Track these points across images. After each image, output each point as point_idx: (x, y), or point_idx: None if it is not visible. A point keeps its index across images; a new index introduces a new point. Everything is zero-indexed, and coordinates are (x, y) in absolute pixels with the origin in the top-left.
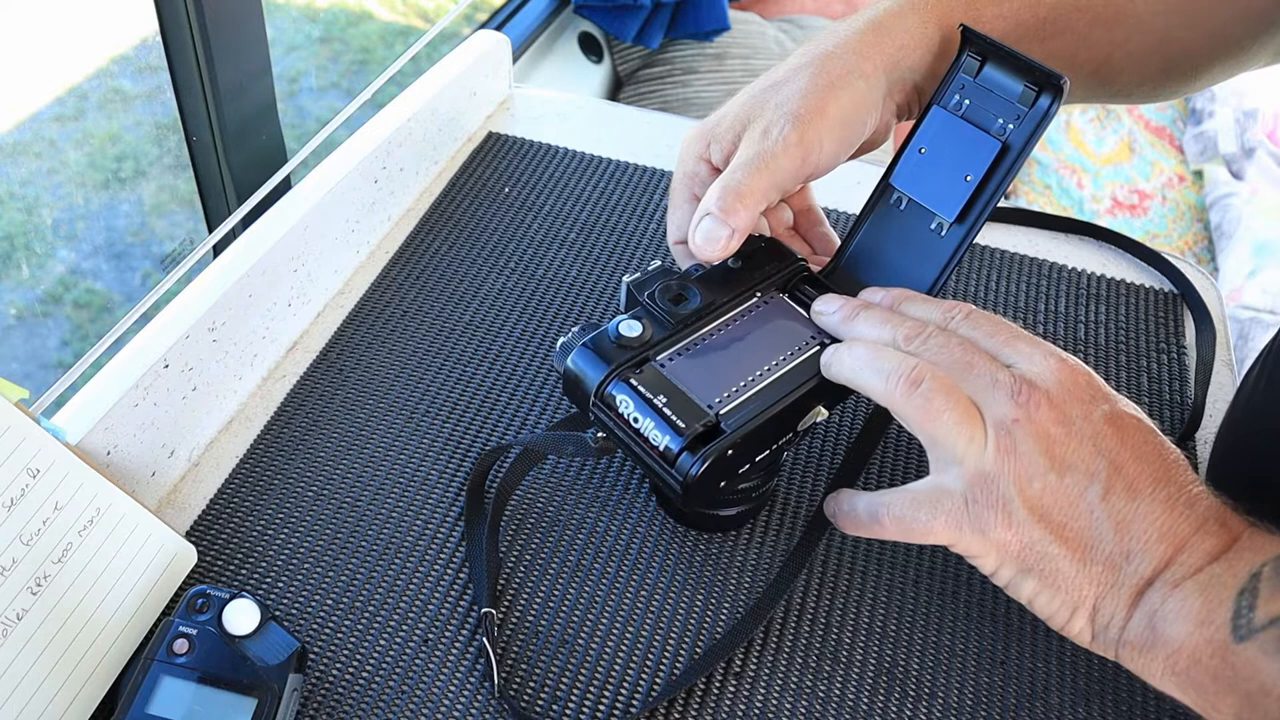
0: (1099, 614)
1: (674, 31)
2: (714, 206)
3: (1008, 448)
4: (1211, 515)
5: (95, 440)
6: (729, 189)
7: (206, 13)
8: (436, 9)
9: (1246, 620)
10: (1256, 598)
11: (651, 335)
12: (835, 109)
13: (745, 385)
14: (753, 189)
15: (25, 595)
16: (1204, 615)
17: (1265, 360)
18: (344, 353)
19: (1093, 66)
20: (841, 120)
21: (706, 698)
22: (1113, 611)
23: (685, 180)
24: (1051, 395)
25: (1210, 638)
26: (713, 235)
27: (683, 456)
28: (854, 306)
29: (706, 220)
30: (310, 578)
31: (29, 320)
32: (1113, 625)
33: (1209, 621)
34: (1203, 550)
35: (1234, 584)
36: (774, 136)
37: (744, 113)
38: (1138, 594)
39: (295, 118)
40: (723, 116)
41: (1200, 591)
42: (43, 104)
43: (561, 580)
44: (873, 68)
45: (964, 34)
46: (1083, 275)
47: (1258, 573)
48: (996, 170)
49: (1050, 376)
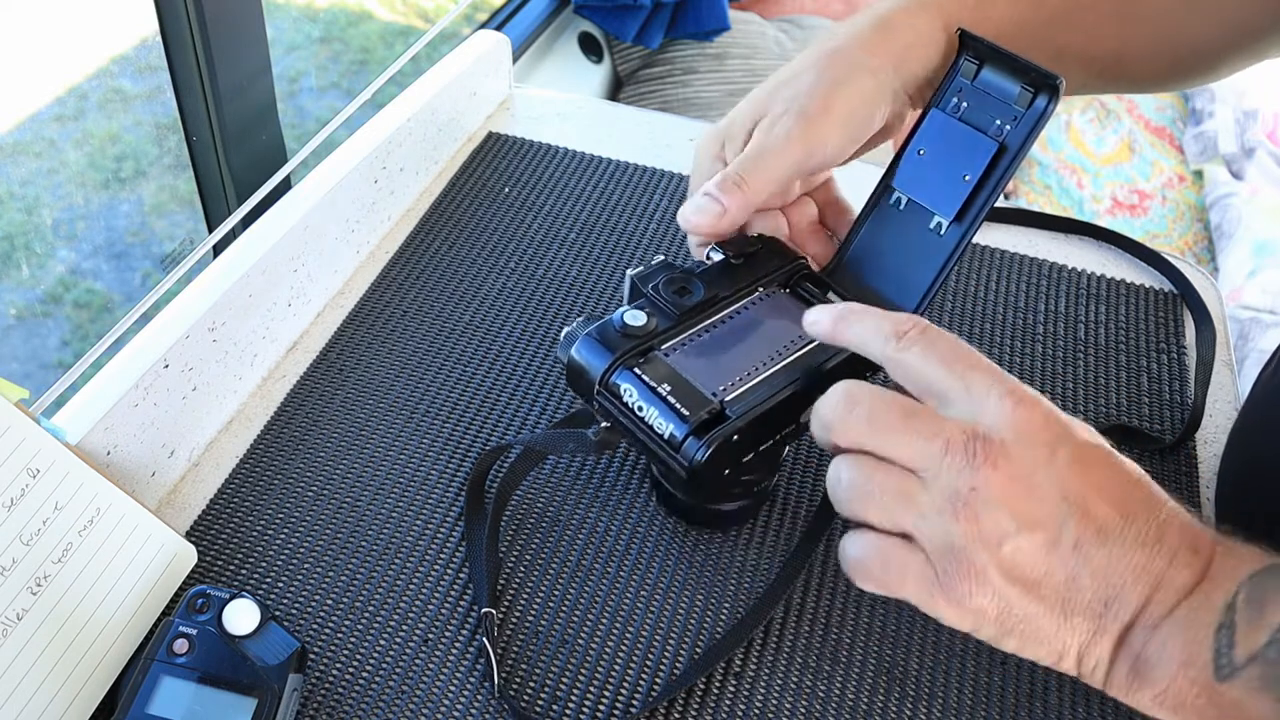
0: (1084, 661)
1: (674, 31)
2: (712, 187)
3: (969, 518)
4: (1182, 544)
5: (95, 440)
6: (728, 176)
7: (206, 13)
8: (436, 9)
9: (1228, 659)
10: (1234, 633)
11: (656, 325)
12: (841, 104)
13: (749, 374)
14: (750, 177)
15: (25, 595)
16: (1186, 656)
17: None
18: (344, 353)
19: (1102, 60)
20: (847, 115)
21: (706, 698)
22: (1097, 657)
23: (702, 180)
24: (1008, 448)
25: (1194, 679)
26: (704, 206)
27: (688, 442)
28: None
29: (700, 196)
30: (310, 578)
31: (29, 320)
32: (1098, 669)
33: (1191, 662)
34: (1177, 586)
35: (1211, 620)
36: (777, 132)
37: (754, 110)
38: (1119, 639)
39: (295, 118)
40: (734, 116)
41: (1180, 631)
42: (43, 104)
43: (561, 580)
44: (880, 63)
45: (961, 37)
46: (1083, 275)
47: (1232, 603)
48: (994, 170)
49: (1005, 424)
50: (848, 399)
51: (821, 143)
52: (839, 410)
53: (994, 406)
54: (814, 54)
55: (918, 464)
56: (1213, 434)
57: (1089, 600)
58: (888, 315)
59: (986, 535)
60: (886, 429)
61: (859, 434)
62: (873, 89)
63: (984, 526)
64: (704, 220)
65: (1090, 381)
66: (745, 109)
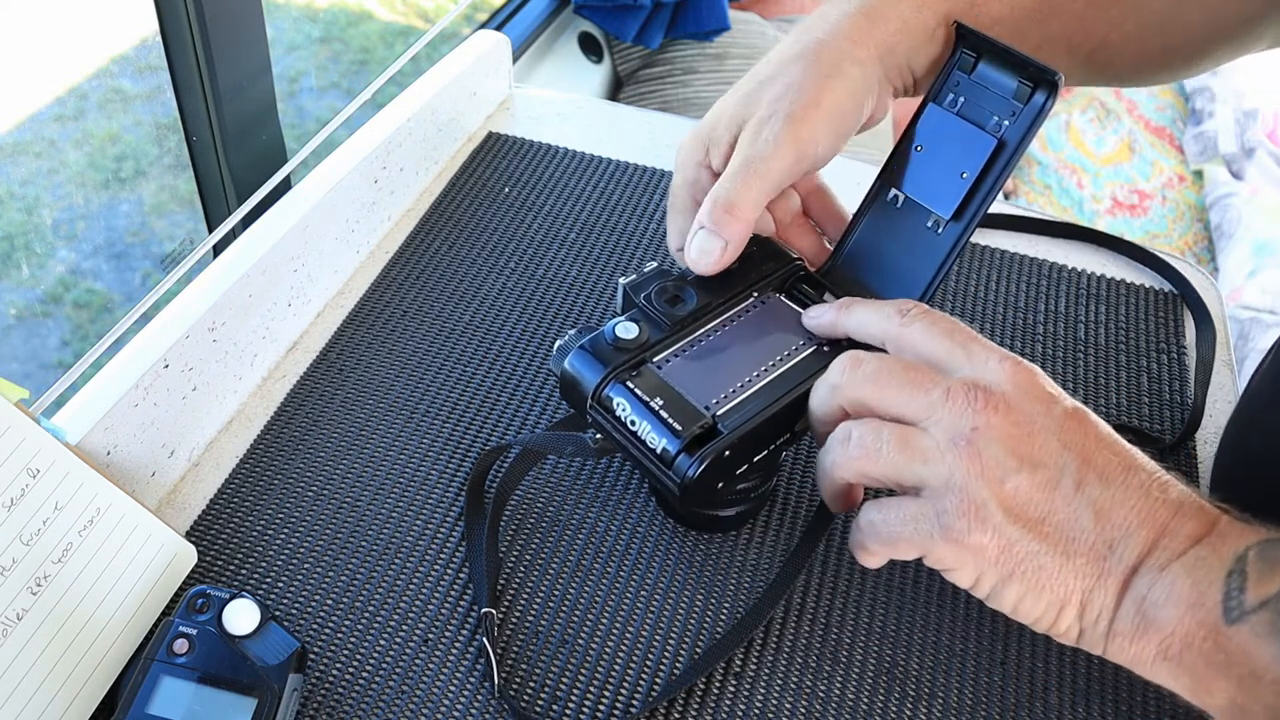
0: (1087, 608)
1: (674, 31)
2: (706, 220)
3: (972, 455)
4: (1186, 499)
5: (95, 440)
6: (719, 202)
7: (206, 13)
8: (436, 9)
9: (1237, 602)
10: (1245, 580)
11: (648, 337)
12: (830, 100)
13: (742, 386)
14: (744, 200)
15: (25, 595)
16: (1194, 598)
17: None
18: (344, 353)
19: (1090, 48)
20: (837, 111)
21: (706, 698)
22: (1101, 603)
23: (685, 188)
24: (1008, 397)
25: (1202, 620)
26: (707, 248)
27: (680, 458)
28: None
29: (700, 234)
30: (310, 578)
31: (29, 320)
32: (1101, 618)
33: (1200, 604)
34: (1184, 533)
35: (1221, 566)
36: (764, 138)
37: (738, 112)
38: (1124, 582)
39: (295, 118)
40: (718, 118)
41: (1188, 574)
42: (43, 104)
43: (561, 580)
44: (866, 54)
45: (958, 30)
46: (1083, 275)
47: (1243, 555)
48: (993, 167)
49: (1005, 380)
50: (853, 359)
51: (812, 144)
52: (845, 369)
53: (994, 366)
54: (797, 46)
55: (921, 415)
56: (1213, 434)
57: (1092, 541)
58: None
59: (988, 472)
60: (891, 383)
61: (864, 390)
62: (859, 81)
63: (986, 464)
64: (709, 261)
65: (1090, 381)
66: (728, 110)
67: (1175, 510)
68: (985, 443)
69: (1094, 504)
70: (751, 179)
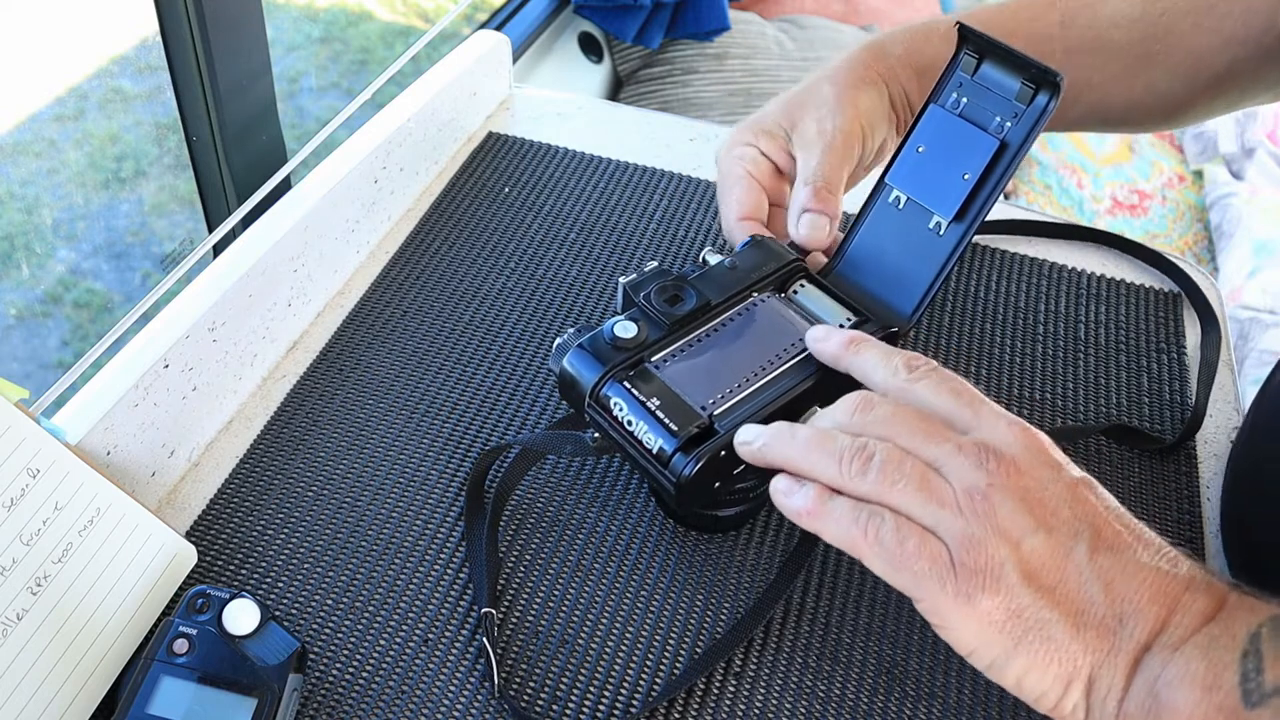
0: (1095, 686)
1: (674, 31)
2: (811, 203)
3: (988, 510)
4: (1196, 574)
5: (95, 440)
6: (818, 185)
7: (206, 13)
8: (436, 9)
9: (1256, 684)
10: (1261, 660)
11: (646, 336)
12: (865, 103)
13: (739, 386)
14: (836, 179)
15: (25, 595)
16: (1210, 680)
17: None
18: (344, 353)
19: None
20: (870, 113)
21: (706, 698)
22: (1110, 681)
23: (736, 160)
24: (1019, 461)
25: (1220, 704)
26: (819, 225)
27: (676, 458)
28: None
29: (807, 217)
30: (310, 578)
31: (29, 320)
32: (1110, 697)
33: (1216, 687)
34: (1196, 610)
35: (1234, 646)
36: (830, 128)
37: (784, 117)
38: (1135, 660)
39: (295, 118)
40: (763, 116)
41: (1203, 655)
42: (43, 104)
43: (561, 580)
44: (876, 76)
45: (960, 32)
46: (1083, 275)
47: (1256, 634)
48: (995, 168)
49: (1016, 444)
50: (864, 402)
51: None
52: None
53: (1004, 430)
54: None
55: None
56: (1213, 434)
57: (1103, 615)
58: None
59: (1005, 529)
60: (903, 432)
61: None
62: (876, 99)
63: (1002, 521)
64: (822, 235)
65: (1090, 381)
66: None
67: (1186, 586)
68: (1001, 500)
69: (1104, 575)
70: (834, 159)
